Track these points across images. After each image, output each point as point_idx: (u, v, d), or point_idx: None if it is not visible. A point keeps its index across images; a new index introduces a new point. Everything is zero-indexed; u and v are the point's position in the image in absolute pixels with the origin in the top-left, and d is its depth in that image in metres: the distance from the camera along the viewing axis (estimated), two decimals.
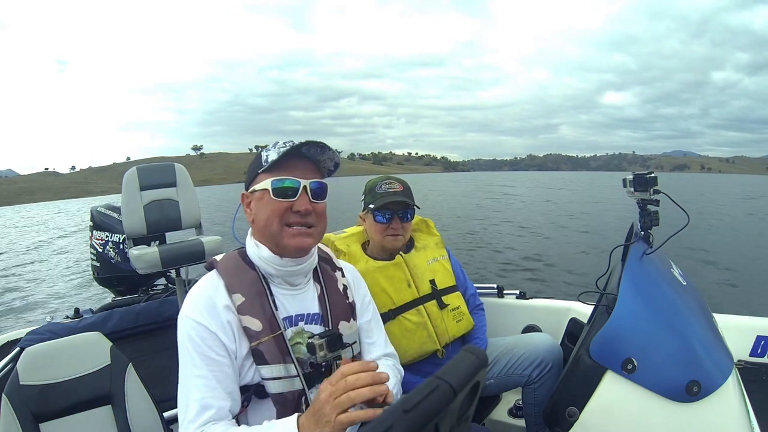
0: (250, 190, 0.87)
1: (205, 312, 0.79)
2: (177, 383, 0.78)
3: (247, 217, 0.89)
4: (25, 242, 15.41)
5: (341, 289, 0.95)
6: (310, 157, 0.86)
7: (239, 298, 0.82)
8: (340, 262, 1.02)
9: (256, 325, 0.81)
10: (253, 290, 0.84)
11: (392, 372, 0.95)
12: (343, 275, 0.99)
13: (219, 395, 0.76)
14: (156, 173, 1.93)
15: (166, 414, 1.19)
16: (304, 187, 0.83)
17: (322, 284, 0.93)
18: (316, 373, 0.84)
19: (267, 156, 0.84)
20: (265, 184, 0.83)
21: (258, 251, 0.86)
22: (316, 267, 0.94)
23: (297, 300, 0.88)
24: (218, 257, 0.90)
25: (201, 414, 0.74)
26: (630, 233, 1.30)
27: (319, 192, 0.86)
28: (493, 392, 1.46)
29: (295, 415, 0.71)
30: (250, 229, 0.90)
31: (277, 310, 0.84)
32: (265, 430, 0.73)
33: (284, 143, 0.85)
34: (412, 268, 1.42)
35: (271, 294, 0.85)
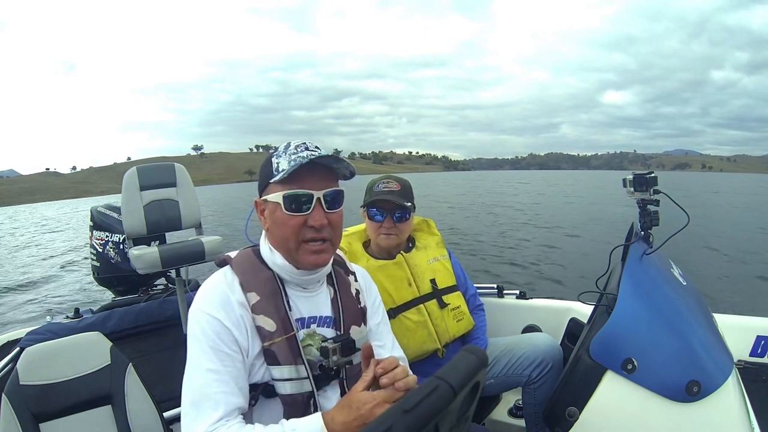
0: (262, 198, 0.85)
1: (220, 307, 0.79)
2: (177, 383, 0.77)
3: (261, 223, 0.87)
4: (25, 241, 15.40)
5: (354, 294, 0.94)
6: (325, 164, 0.82)
7: (254, 297, 0.81)
8: (353, 266, 1.01)
9: (269, 325, 0.80)
10: (268, 290, 0.83)
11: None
12: (356, 279, 0.98)
13: (232, 391, 0.75)
14: (156, 173, 1.94)
15: (166, 414, 1.18)
16: (318, 199, 0.80)
17: (336, 288, 0.92)
18: (325, 376, 0.84)
19: (278, 164, 0.81)
20: (277, 197, 0.80)
21: (272, 257, 0.85)
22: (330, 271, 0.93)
23: (310, 302, 0.88)
24: (231, 254, 0.89)
25: (214, 410, 0.73)
26: (630, 233, 1.30)
27: (335, 201, 0.83)
28: (493, 392, 1.47)
29: (318, 413, 0.72)
30: (264, 232, 0.88)
31: (291, 311, 0.83)
32: (288, 429, 0.72)
33: (296, 148, 0.81)
34: (412, 267, 1.42)
35: (286, 295, 0.85)
